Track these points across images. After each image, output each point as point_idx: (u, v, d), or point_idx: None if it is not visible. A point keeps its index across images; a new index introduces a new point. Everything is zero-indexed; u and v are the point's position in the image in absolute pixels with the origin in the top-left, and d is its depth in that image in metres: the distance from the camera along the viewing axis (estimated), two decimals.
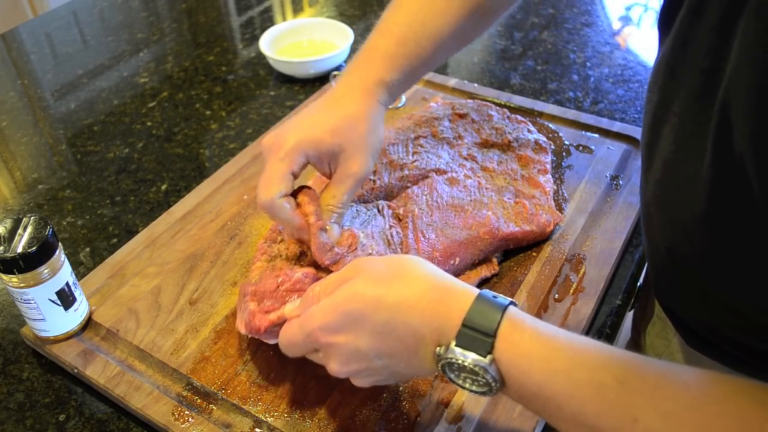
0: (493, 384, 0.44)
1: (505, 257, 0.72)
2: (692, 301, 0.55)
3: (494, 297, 0.45)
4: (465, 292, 0.45)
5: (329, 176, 0.63)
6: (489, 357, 0.43)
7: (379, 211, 0.69)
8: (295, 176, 0.60)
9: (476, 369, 0.43)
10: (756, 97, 0.36)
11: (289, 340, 0.51)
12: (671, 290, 0.58)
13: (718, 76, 0.41)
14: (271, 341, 0.58)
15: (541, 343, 0.42)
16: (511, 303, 0.45)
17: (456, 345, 0.43)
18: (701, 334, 0.56)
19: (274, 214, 0.59)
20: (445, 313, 0.44)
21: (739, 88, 0.38)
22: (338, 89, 0.64)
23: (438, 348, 0.45)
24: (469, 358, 0.43)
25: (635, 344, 0.79)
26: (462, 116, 0.86)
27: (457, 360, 0.43)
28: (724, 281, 0.48)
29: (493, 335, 0.43)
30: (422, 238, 0.66)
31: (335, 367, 0.49)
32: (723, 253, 0.46)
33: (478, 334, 0.43)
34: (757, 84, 0.36)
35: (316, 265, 0.60)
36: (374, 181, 0.75)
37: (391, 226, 0.67)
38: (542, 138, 0.84)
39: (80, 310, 0.66)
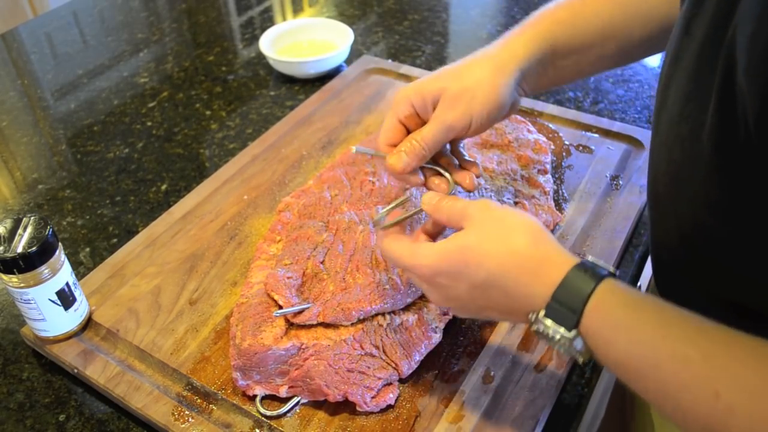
0: (578, 355, 0.45)
1: None
2: (701, 293, 0.54)
3: (591, 267, 0.45)
4: (562, 262, 0.46)
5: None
6: (574, 332, 0.44)
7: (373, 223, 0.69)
8: (404, 124, 0.61)
9: (562, 341, 0.45)
10: (759, 23, 0.36)
11: (394, 258, 0.54)
12: (677, 287, 0.57)
13: (730, 17, 0.41)
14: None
15: (628, 314, 0.43)
16: (610, 274, 0.45)
17: (545, 316, 0.45)
18: None
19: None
20: (539, 285, 0.46)
21: (744, 20, 0.37)
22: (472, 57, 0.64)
23: (530, 314, 0.47)
24: (555, 330, 0.45)
25: None
26: None
27: (544, 330, 0.45)
28: (738, 254, 0.47)
29: (579, 312, 0.44)
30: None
31: (434, 299, 0.53)
32: (734, 215, 0.45)
33: (565, 308, 0.44)
34: (759, 11, 0.35)
35: (298, 327, 0.61)
36: (373, 183, 0.75)
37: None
38: (542, 138, 0.84)
39: (80, 310, 0.66)
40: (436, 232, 0.57)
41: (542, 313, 0.45)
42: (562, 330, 0.45)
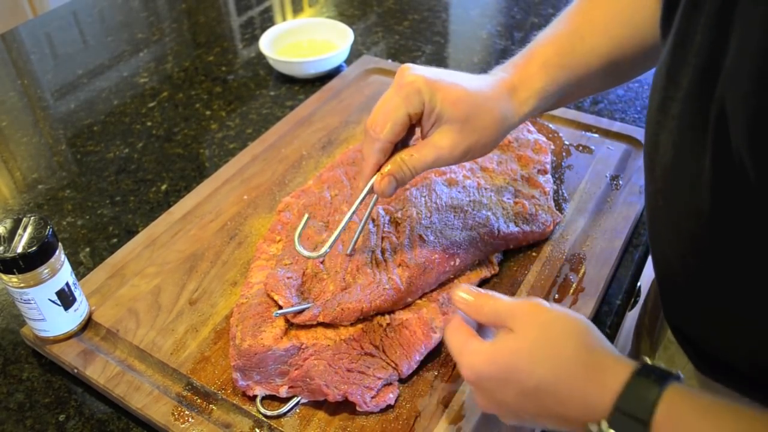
0: None
1: (505, 257, 0.72)
2: (704, 318, 0.53)
3: (652, 371, 0.42)
4: (620, 368, 0.43)
5: (422, 136, 0.59)
6: None
7: (374, 221, 0.69)
8: (410, 118, 0.56)
9: None
10: (755, 83, 0.35)
11: (450, 349, 0.51)
12: (681, 307, 0.56)
13: (716, 72, 0.40)
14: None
15: (702, 423, 0.40)
16: (674, 377, 0.42)
17: (609, 428, 0.42)
18: (714, 356, 0.54)
19: (365, 142, 0.57)
20: (597, 394, 0.43)
21: (736, 78, 0.37)
22: (489, 77, 0.60)
23: (590, 424, 0.43)
24: None
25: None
26: None
27: None
28: (736, 292, 0.46)
29: (647, 422, 0.40)
30: (420, 242, 0.66)
31: (479, 402, 0.50)
32: (732, 261, 0.45)
33: (631, 419, 0.41)
34: (757, 70, 0.35)
35: (303, 328, 0.61)
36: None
37: (383, 238, 0.67)
38: (542, 138, 0.84)
39: (80, 310, 0.66)
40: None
41: (605, 424, 0.42)
42: None
